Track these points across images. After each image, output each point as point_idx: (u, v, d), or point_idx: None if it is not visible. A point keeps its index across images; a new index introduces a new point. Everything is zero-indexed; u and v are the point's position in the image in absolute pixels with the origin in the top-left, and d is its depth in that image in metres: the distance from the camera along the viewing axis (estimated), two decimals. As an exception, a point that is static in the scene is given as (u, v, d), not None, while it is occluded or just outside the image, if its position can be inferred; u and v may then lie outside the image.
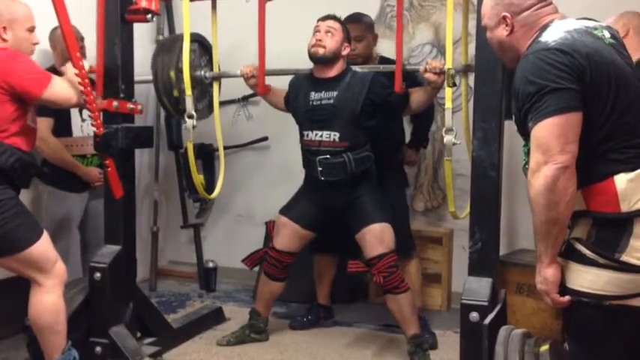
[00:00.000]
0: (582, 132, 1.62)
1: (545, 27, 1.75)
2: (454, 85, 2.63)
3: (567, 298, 1.71)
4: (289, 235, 3.10)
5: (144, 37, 4.02)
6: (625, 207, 1.63)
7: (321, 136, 2.96)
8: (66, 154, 3.18)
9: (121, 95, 2.84)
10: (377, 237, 2.90)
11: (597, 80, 1.63)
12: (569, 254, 1.71)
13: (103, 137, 2.70)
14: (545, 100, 1.61)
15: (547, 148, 1.61)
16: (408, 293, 2.92)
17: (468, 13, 2.74)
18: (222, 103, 3.54)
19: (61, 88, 2.49)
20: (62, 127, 3.21)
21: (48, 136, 3.10)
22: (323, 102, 2.97)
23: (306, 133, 3.02)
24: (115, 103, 2.78)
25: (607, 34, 1.76)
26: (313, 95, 3.00)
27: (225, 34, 3.23)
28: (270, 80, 3.14)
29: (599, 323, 1.68)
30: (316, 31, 2.98)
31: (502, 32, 1.83)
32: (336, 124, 2.93)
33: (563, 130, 1.60)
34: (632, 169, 1.64)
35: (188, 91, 2.95)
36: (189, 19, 2.95)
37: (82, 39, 3.15)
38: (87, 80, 2.55)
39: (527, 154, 1.82)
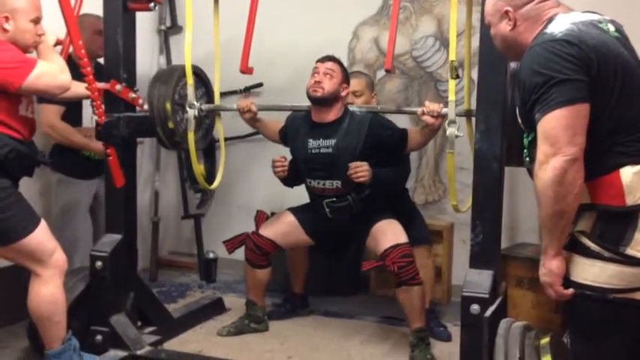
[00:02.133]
0: (588, 124, 1.62)
1: (549, 20, 1.75)
2: (457, 77, 2.62)
3: (571, 290, 1.70)
4: (285, 232, 3.12)
5: (146, 27, 4.02)
6: (630, 200, 1.63)
7: (324, 184, 3.00)
8: (75, 135, 3.18)
9: (123, 84, 2.83)
10: (387, 233, 2.92)
11: (603, 72, 1.62)
12: (573, 247, 1.71)
13: (105, 126, 2.70)
14: (553, 92, 1.60)
15: (555, 140, 1.59)
16: (421, 287, 2.91)
17: (472, 6, 2.72)
18: (223, 95, 3.53)
19: (49, 77, 2.38)
20: (71, 117, 3.21)
21: (55, 121, 3.11)
22: (322, 150, 2.98)
23: (308, 180, 3.06)
24: (118, 86, 2.77)
25: (612, 28, 1.76)
26: (311, 143, 3.01)
27: (224, 25, 3.20)
28: (265, 112, 3.17)
29: (602, 316, 1.68)
30: (315, 72, 2.98)
31: (505, 27, 1.82)
32: (337, 173, 2.96)
33: (572, 122, 1.59)
34: (638, 162, 1.63)
35: (189, 80, 2.94)
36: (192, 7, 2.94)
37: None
38: (89, 68, 2.55)
39: (529, 146, 1.82)
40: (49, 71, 2.39)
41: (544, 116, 1.62)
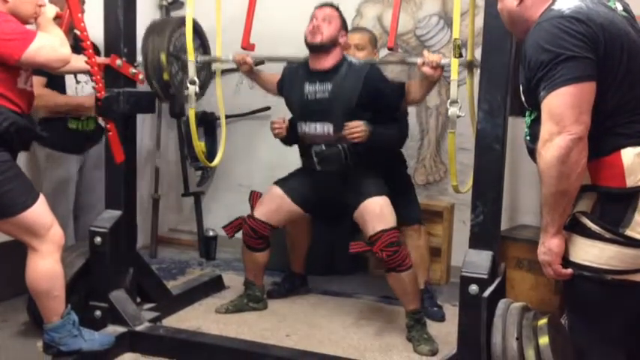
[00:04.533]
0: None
1: None
2: (460, 56, 2.59)
3: (570, 270, 1.70)
4: (275, 208, 3.09)
5: (147, 2, 3.99)
6: (631, 182, 1.62)
7: (315, 128, 2.95)
8: (58, 97, 3.15)
9: (123, 59, 2.80)
10: (376, 214, 2.87)
11: (610, 51, 1.60)
12: (573, 227, 1.70)
13: (105, 101, 2.68)
14: (560, 69, 1.57)
15: (560, 118, 1.57)
16: (412, 271, 2.90)
17: (477, -16, 2.70)
18: (224, 72, 3.50)
19: (49, 49, 2.33)
20: (54, 87, 3.16)
21: (40, 90, 3.01)
22: (318, 95, 2.94)
23: (300, 125, 3.00)
24: (118, 61, 2.75)
25: (619, 7, 1.73)
26: (308, 88, 2.96)
27: (224, 6, 3.17)
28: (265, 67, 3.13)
29: (600, 297, 1.68)
30: (313, 18, 2.94)
31: (512, 2, 1.79)
32: (331, 117, 2.91)
33: (578, 100, 1.57)
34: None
35: (190, 57, 2.91)
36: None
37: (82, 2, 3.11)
38: (89, 42, 2.52)
39: (531, 124, 1.80)
40: (49, 44, 2.34)
41: (550, 94, 1.59)
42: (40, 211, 2.42)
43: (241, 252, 3.27)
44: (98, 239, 2.78)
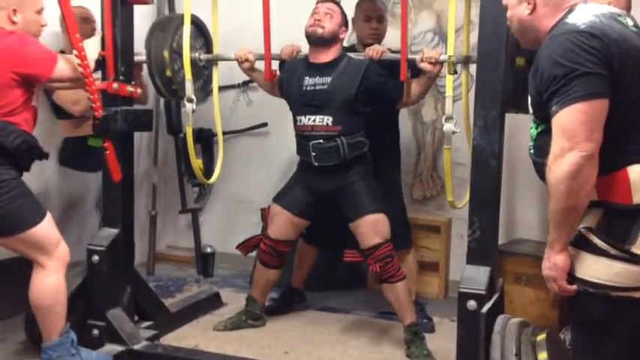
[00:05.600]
0: None
1: (570, 9, 1.70)
2: (455, 72, 2.61)
3: (574, 286, 1.68)
4: (283, 224, 3.09)
5: (144, 20, 4.00)
6: (637, 198, 1.61)
7: (314, 120, 2.94)
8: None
9: (120, 78, 2.82)
10: (372, 227, 2.88)
11: (623, 68, 1.59)
12: (579, 243, 1.68)
13: (102, 120, 2.69)
14: (574, 85, 1.56)
15: (573, 134, 1.56)
16: (405, 282, 2.93)
17: (471, 1, 2.71)
18: (222, 88, 3.52)
19: (65, 67, 2.50)
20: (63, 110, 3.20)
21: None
22: (317, 87, 2.94)
23: (299, 118, 3.00)
24: (114, 85, 2.77)
25: (630, 22, 1.72)
26: (307, 80, 2.97)
27: (224, 19, 3.19)
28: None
29: (605, 314, 1.66)
30: (315, 12, 2.96)
31: (523, 11, 1.77)
32: (330, 109, 2.91)
33: (591, 117, 1.56)
34: None
35: (188, 75, 2.93)
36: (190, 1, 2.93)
37: (93, 21, 3.15)
38: (86, 62, 2.54)
39: (536, 137, 1.78)
40: (66, 60, 2.51)
41: (562, 109, 1.58)
42: (47, 228, 2.46)
43: (255, 269, 3.25)
44: (96, 257, 2.78)
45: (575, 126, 1.56)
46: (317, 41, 2.93)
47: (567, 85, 1.57)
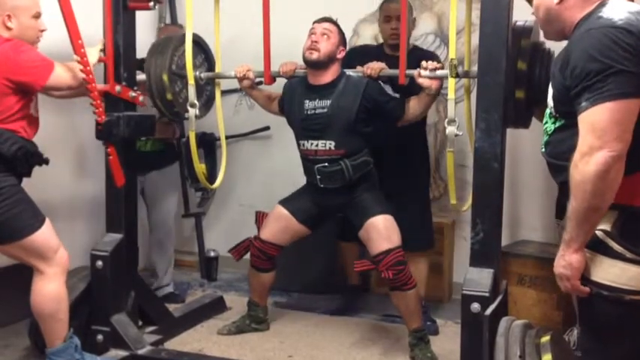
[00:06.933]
0: None
1: (602, 3, 1.66)
2: (457, 75, 2.61)
3: (587, 288, 1.66)
4: (281, 227, 3.09)
5: (146, 25, 4.01)
6: None
7: (317, 145, 2.94)
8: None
9: (123, 83, 2.83)
10: (381, 233, 2.86)
11: None
12: (594, 246, 1.66)
13: (105, 125, 2.70)
14: (609, 82, 1.51)
15: (603, 132, 1.51)
16: (416, 290, 2.90)
17: (472, 3, 2.71)
18: (224, 92, 3.51)
19: (64, 75, 2.49)
20: None
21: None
22: (317, 111, 2.95)
23: (302, 142, 3.01)
24: (117, 88, 2.78)
25: None
26: (307, 104, 2.97)
27: (224, 27, 3.19)
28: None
29: (617, 317, 1.65)
30: (312, 33, 2.95)
31: (552, 0, 1.73)
32: (331, 133, 2.91)
33: (623, 117, 1.52)
34: None
35: (191, 80, 2.94)
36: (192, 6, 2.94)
37: None
38: (89, 67, 2.55)
39: (553, 132, 1.75)
40: (66, 68, 2.49)
41: (594, 106, 1.53)
42: (47, 234, 2.45)
43: (248, 273, 3.26)
44: (99, 263, 2.79)
45: (606, 125, 1.52)
46: (314, 65, 2.93)
47: (602, 82, 1.53)
